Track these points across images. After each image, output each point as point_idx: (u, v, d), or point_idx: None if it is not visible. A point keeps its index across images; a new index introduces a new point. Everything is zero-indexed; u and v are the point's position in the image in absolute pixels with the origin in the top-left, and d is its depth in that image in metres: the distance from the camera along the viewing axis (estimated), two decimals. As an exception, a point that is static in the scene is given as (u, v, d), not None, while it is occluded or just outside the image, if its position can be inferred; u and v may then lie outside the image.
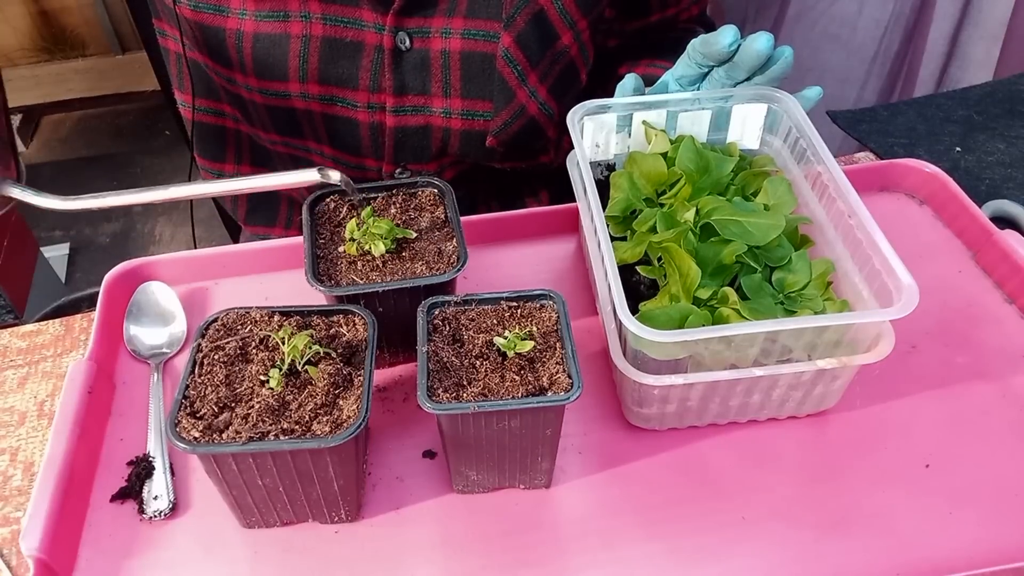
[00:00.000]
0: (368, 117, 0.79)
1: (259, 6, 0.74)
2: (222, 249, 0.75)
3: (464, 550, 0.55)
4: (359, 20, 0.75)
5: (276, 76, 0.76)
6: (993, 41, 1.42)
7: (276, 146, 0.86)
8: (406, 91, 0.78)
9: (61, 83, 2.58)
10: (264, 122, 0.82)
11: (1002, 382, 0.64)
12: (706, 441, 0.61)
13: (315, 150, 0.84)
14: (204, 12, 0.74)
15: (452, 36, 0.76)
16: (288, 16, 0.74)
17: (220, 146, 0.90)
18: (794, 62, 0.64)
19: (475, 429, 0.51)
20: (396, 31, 0.75)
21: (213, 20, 0.75)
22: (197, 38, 0.77)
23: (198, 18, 0.75)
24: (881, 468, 0.58)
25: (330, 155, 0.84)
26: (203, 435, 0.49)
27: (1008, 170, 0.89)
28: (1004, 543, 0.54)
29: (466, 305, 0.56)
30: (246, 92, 0.79)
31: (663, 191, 0.65)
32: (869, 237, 0.56)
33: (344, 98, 0.78)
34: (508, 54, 0.75)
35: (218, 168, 0.91)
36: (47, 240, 2.20)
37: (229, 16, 0.74)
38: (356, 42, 0.75)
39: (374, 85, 0.77)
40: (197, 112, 0.87)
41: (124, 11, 2.47)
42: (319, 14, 0.74)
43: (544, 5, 0.75)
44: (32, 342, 0.72)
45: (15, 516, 0.59)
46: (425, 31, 0.76)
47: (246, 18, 0.74)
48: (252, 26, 0.74)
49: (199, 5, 0.74)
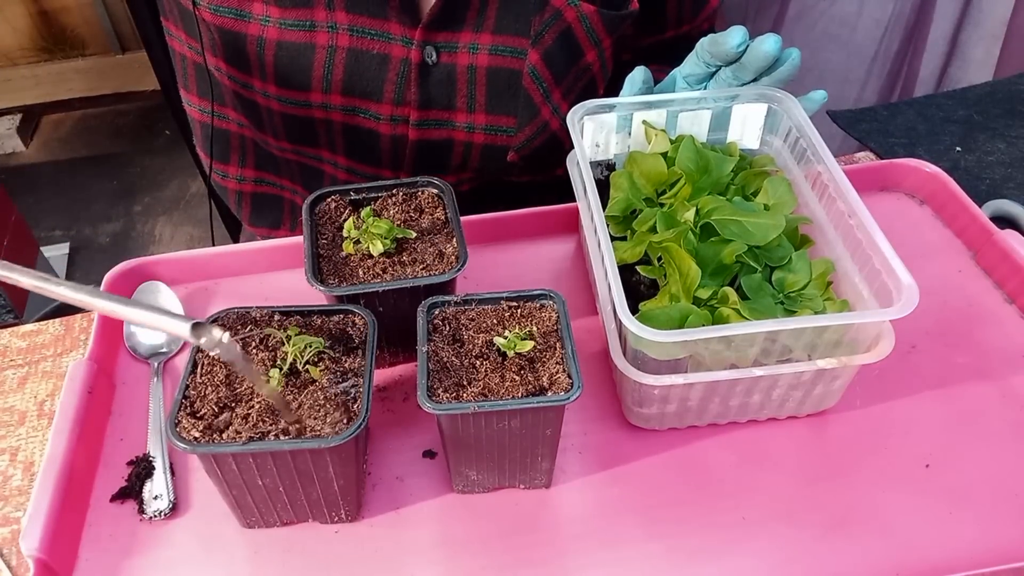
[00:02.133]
0: (390, 130, 0.79)
1: (284, 14, 0.73)
2: (222, 249, 0.75)
3: (464, 550, 0.55)
4: (387, 33, 0.74)
5: (298, 85, 0.75)
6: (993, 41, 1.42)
7: (285, 153, 0.86)
8: (431, 105, 0.77)
9: (61, 83, 2.58)
10: (277, 129, 0.82)
11: (1002, 382, 0.64)
12: (706, 441, 0.61)
13: (328, 159, 0.84)
14: (225, 16, 0.74)
15: (480, 52, 0.75)
16: (315, 26, 0.73)
17: (225, 148, 0.90)
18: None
19: (475, 429, 0.51)
20: (424, 45, 0.75)
21: (234, 25, 0.74)
22: (215, 42, 0.76)
23: (218, 22, 0.74)
24: (881, 468, 0.58)
25: (344, 165, 0.84)
26: (203, 435, 0.49)
27: (1008, 170, 0.89)
28: (1004, 543, 0.54)
29: (466, 305, 0.56)
30: (262, 99, 0.78)
31: (663, 191, 0.65)
32: (869, 237, 0.56)
33: (367, 110, 0.77)
34: (535, 71, 0.75)
35: (223, 168, 0.91)
36: (47, 240, 2.20)
37: (251, 22, 0.73)
38: (383, 55, 0.75)
39: (399, 98, 0.76)
40: (202, 113, 0.87)
41: (124, 11, 2.47)
42: (346, 25, 0.73)
43: (571, 22, 0.75)
44: (32, 342, 0.72)
45: (15, 516, 0.59)
46: (452, 46, 0.76)
47: (269, 25, 0.73)
48: (276, 33, 0.73)
49: (220, 8, 0.73)
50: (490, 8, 0.75)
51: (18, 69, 2.55)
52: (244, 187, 0.92)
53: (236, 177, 0.91)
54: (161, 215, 2.34)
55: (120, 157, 2.53)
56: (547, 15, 0.75)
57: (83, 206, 2.35)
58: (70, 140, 2.59)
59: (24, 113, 2.57)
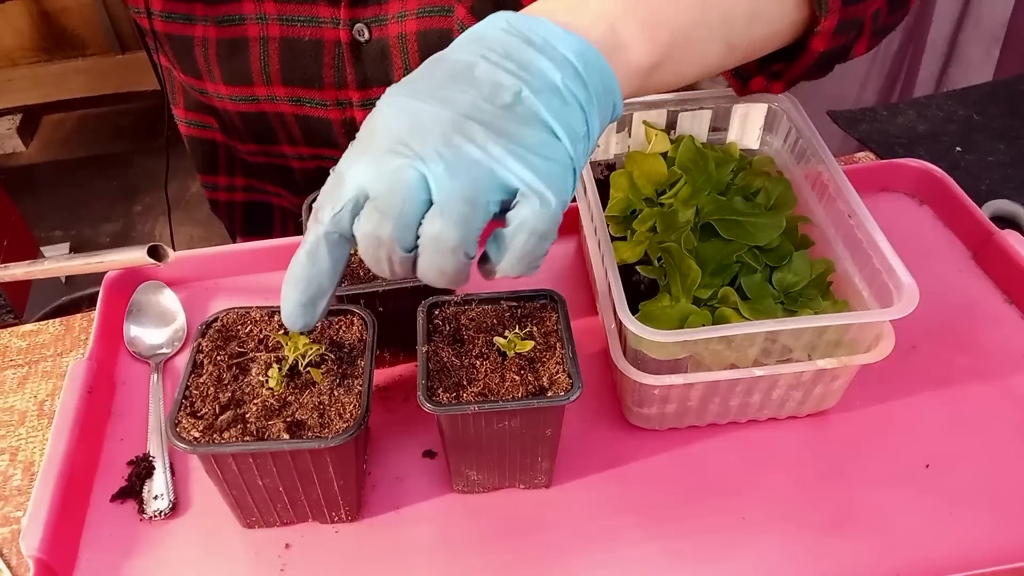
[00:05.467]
0: (339, 114, 0.77)
1: (216, 11, 0.72)
2: (222, 249, 0.75)
3: (464, 550, 0.55)
4: (315, 17, 0.73)
5: (241, 81, 0.74)
6: (993, 41, 1.42)
7: (255, 157, 0.85)
8: (370, 83, 0.75)
9: (61, 83, 2.58)
10: (240, 132, 0.81)
11: (1002, 382, 0.64)
12: (706, 441, 0.61)
13: (292, 155, 0.83)
14: (176, 22, 0.73)
15: (407, 18, 0.73)
16: (244, 19, 0.72)
17: (212, 159, 0.89)
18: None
19: (475, 429, 0.51)
20: (352, 23, 0.73)
21: (183, 30, 0.73)
22: (168, 52, 0.76)
23: (169, 30, 0.74)
24: (881, 468, 0.58)
25: (309, 155, 0.83)
26: (203, 435, 0.49)
27: (1008, 170, 0.89)
28: (1004, 543, 0.54)
29: (466, 305, 0.56)
30: (218, 101, 0.78)
31: (663, 191, 0.65)
32: (869, 237, 0.56)
33: (311, 98, 0.76)
34: (464, 27, 0.71)
35: (212, 181, 0.90)
36: (47, 240, 2.20)
37: (196, 24, 0.73)
38: (315, 40, 0.73)
39: (339, 81, 0.75)
40: (189, 126, 0.86)
41: (124, 11, 2.47)
42: (275, 15, 0.72)
43: None
44: (32, 342, 0.72)
45: (15, 516, 0.59)
46: (382, 19, 0.73)
47: (208, 24, 0.72)
48: (215, 32, 0.73)
49: (171, 16, 0.73)
50: None
51: (18, 69, 2.55)
52: (235, 196, 0.91)
53: (225, 187, 0.91)
54: (161, 215, 2.34)
55: (120, 157, 2.53)
56: None
57: (83, 206, 2.36)
58: (70, 140, 2.59)
59: (24, 113, 2.58)
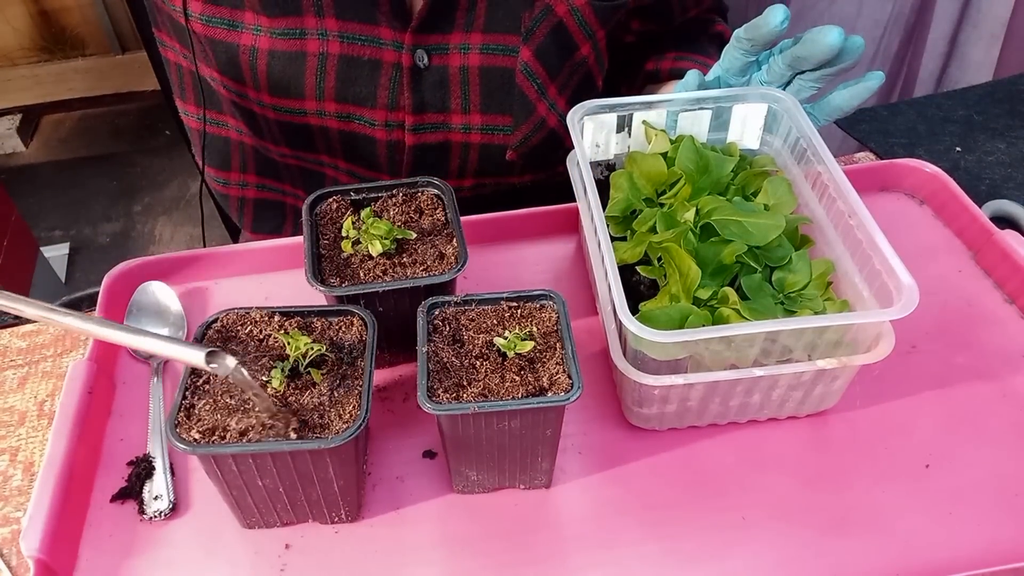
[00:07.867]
0: (386, 135, 0.78)
1: (274, 23, 0.72)
2: (222, 249, 0.75)
3: (464, 550, 0.55)
4: (377, 38, 0.74)
5: (292, 94, 0.75)
6: (993, 41, 1.42)
7: (286, 159, 0.85)
8: (425, 109, 0.77)
9: (61, 83, 2.58)
10: (275, 136, 0.81)
11: (1002, 382, 0.64)
12: (706, 441, 0.61)
13: (328, 163, 0.84)
14: (217, 27, 0.73)
15: (471, 52, 0.75)
16: (305, 34, 0.73)
17: (225, 155, 0.89)
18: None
19: (475, 429, 0.51)
20: (415, 49, 0.74)
21: (227, 36, 0.73)
22: (207, 53, 0.76)
23: (209, 33, 0.74)
24: (881, 468, 0.58)
25: (344, 168, 0.84)
26: (203, 436, 0.49)
27: (1008, 170, 0.89)
28: (1004, 543, 0.54)
29: (466, 305, 0.56)
30: (258, 107, 0.78)
31: (663, 191, 0.65)
32: (869, 237, 0.56)
33: (361, 116, 0.77)
34: (527, 68, 0.74)
35: (224, 176, 0.91)
36: (47, 240, 2.20)
37: (243, 32, 0.73)
38: (374, 60, 0.74)
39: (392, 104, 0.76)
40: (199, 122, 0.87)
41: (124, 11, 2.47)
42: (336, 32, 0.73)
43: (563, 17, 0.75)
44: (32, 342, 0.72)
45: (15, 516, 0.59)
46: (443, 48, 0.75)
47: (261, 34, 0.73)
48: (267, 43, 0.73)
49: (212, 20, 0.73)
50: (479, 7, 0.75)
51: (18, 69, 2.55)
52: (247, 192, 0.92)
53: (238, 183, 0.91)
54: (161, 215, 2.34)
55: (120, 157, 2.53)
56: (537, 11, 0.74)
57: (83, 206, 2.35)
58: (70, 140, 2.59)
59: (24, 113, 2.57)
